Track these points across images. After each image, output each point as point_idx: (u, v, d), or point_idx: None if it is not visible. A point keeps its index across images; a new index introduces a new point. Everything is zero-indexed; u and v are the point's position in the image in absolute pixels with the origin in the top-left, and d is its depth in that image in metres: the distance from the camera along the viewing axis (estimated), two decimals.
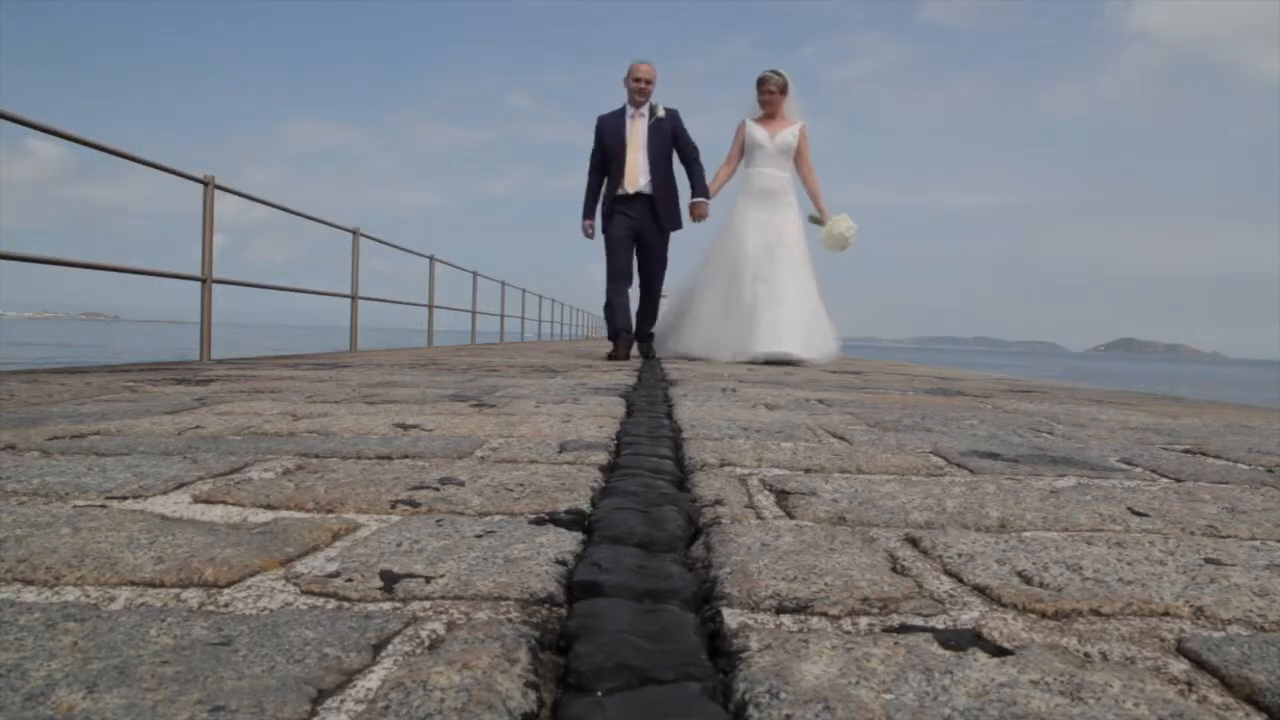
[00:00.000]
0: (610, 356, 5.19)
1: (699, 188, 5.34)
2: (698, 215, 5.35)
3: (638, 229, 5.23)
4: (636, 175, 5.15)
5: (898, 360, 8.56)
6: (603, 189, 5.28)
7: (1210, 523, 0.95)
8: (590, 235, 5.32)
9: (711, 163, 5.48)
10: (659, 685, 0.50)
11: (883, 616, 0.62)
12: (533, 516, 0.90)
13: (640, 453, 1.34)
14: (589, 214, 5.35)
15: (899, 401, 2.54)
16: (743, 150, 5.68)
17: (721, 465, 1.25)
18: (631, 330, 5.35)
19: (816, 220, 5.56)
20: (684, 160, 5.30)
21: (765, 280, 5.30)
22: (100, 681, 0.47)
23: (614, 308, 5.34)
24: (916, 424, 1.88)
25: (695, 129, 5.33)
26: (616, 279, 5.29)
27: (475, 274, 11.13)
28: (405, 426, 1.60)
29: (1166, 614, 0.64)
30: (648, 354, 5.48)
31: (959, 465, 1.32)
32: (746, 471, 1.21)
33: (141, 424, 1.56)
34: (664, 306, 5.75)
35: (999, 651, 0.55)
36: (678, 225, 5.33)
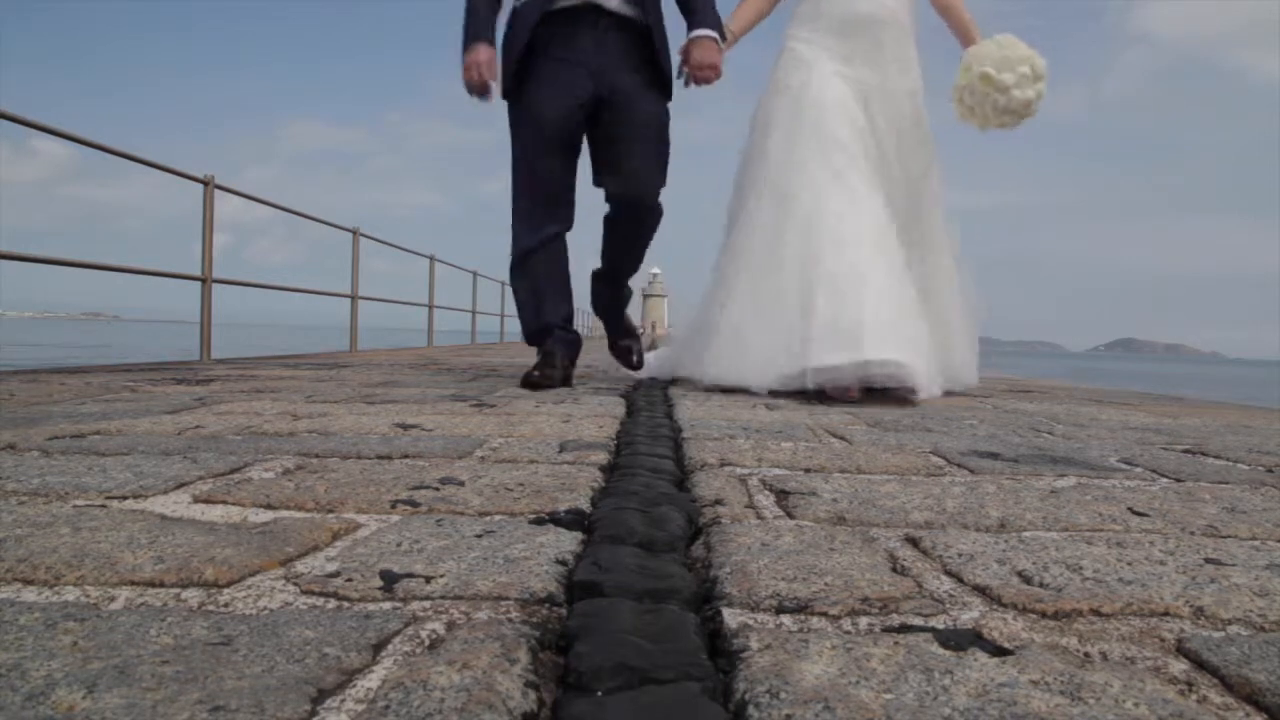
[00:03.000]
0: (528, 380, 2.48)
1: (701, 15, 2.54)
2: (698, 66, 2.51)
3: (597, 91, 2.48)
4: None
5: None
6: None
7: (1210, 523, 0.95)
8: (483, 89, 2.45)
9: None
10: (659, 685, 0.50)
11: (883, 616, 0.62)
12: (533, 516, 0.90)
13: (640, 452, 1.34)
14: (477, 34, 2.45)
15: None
16: None
17: (721, 465, 1.25)
18: (571, 324, 2.67)
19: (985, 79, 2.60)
20: None
21: (852, 208, 2.48)
22: (100, 681, 0.47)
23: (534, 273, 2.58)
24: (916, 424, 1.88)
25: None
26: (541, 204, 2.54)
27: (475, 274, 11.15)
28: (405, 426, 1.60)
29: (1166, 614, 0.64)
30: (629, 364, 3.05)
31: (959, 465, 1.32)
32: (746, 471, 1.21)
33: (142, 424, 1.56)
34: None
35: (999, 651, 0.55)
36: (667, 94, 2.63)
